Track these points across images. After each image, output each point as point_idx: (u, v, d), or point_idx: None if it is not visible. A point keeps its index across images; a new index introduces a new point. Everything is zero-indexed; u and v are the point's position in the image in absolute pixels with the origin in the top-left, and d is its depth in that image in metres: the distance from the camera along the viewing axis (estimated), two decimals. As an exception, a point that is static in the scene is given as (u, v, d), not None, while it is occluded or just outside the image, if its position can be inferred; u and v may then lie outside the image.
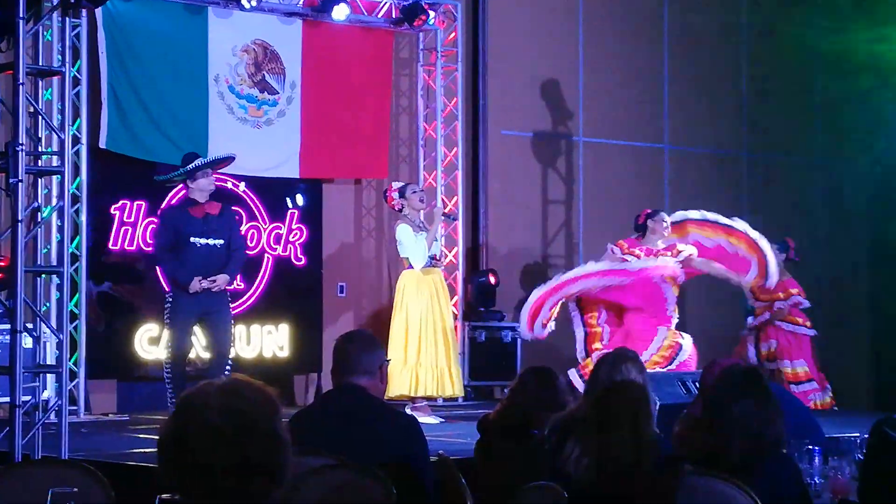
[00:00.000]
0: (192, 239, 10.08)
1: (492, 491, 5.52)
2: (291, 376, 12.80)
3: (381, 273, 13.61)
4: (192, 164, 10.24)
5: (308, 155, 12.81)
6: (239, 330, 12.20)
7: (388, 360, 5.37)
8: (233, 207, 11.28)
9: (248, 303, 12.47)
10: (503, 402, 6.04)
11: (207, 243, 10.13)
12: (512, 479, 5.09)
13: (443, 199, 13.53)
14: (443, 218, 11.37)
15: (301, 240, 12.91)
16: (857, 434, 6.24)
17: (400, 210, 11.09)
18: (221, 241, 10.20)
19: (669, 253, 11.26)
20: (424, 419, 10.41)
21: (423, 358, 10.94)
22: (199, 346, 11.15)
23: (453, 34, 13.71)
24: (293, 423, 4.89)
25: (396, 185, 11.43)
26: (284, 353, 12.66)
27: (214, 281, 10.03)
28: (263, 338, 12.60)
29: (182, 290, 10.02)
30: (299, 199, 12.94)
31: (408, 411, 10.87)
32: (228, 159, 10.72)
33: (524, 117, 14.28)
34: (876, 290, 16.39)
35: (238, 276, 11.69)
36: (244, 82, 12.46)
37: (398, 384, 10.82)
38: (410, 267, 11.00)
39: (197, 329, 10.49)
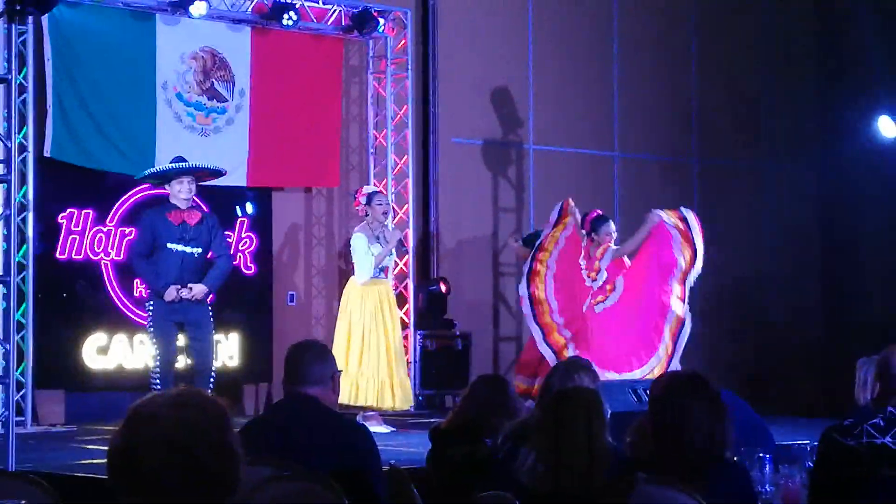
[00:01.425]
0: (168, 245, 9.83)
1: (444, 500, 5.50)
2: (241, 386, 12.74)
3: (331, 282, 13.57)
4: (161, 167, 10.10)
5: (257, 163, 12.76)
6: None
7: (339, 371, 5.35)
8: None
9: (197, 312, 12.39)
10: (455, 410, 6.03)
11: (184, 251, 9.87)
12: (464, 488, 5.08)
13: (393, 207, 13.51)
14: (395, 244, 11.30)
15: (251, 248, 12.86)
16: (808, 441, 6.25)
17: (365, 216, 11.12)
18: (199, 250, 9.96)
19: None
20: (375, 428, 10.39)
21: (365, 368, 10.93)
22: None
23: (403, 41, 13.70)
24: (244, 433, 4.86)
25: (367, 189, 11.49)
26: (234, 363, 12.60)
27: (191, 290, 9.80)
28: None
29: (158, 298, 9.84)
30: (249, 208, 12.90)
31: (359, 420, 10.87)
32: (213, 172, 10.43)
33: (474, 125, 14.29)
34: (827, 297, 16.49)
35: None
36: (192, 90, 12.40)
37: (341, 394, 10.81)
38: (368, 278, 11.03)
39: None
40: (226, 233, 12.45)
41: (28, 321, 11.11)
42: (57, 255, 11.68)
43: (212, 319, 10.10)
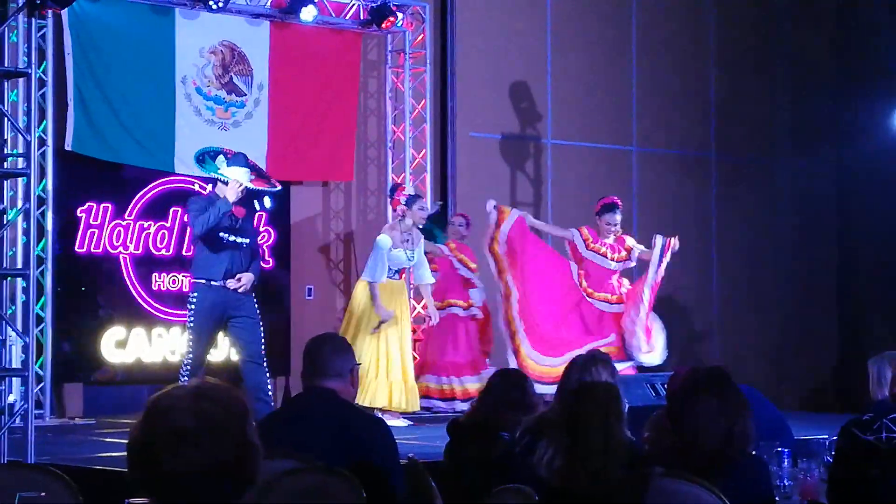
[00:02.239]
0: (221, 233, 9.79)
1: (462, 494, 5.50)
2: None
3: (349, 276, 13.57)
4: (227, 167, 9.99)
5: (275, 157, 12.77)
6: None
7: (358, 364, 5.35)
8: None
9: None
10: (473, 405, 6.04)
11: (235, 240, 9.83)
12: (482, 483, 5.08)
13: (412, 152, 13.54)
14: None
15: (269, 242, 12.86)
16: (826, 436, 6.25)
17: (401, 217, 11.13)
18: (248, 241, 9.96)
19: (622, 249, 11.73)
20: (392, 422, 10.41)
21: (371, 368, 10.93)
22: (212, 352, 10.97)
23: (421, 36, 13.70)
24: (262, 426, 4.86)
25: (409, 189, 11.55)
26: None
27: (240, 280, 9.77)
28: (231, 341, 12.54)
29: (208, 285, 9.71)
30: (266, 202, 12.87)
31: (377, 414, 10.89)
32: (269, 190, 10.39)
33: (492, 119, 14.27)
34: (844, 291, 16.45)
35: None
36: (211, 84, 12.42)
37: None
38: (377, 280, 11.06)
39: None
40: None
41: (47, 315, 11.14)
42: (76, 249, 11.70)
43: (258, 311, 10.04)
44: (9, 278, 9.24)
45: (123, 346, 11.80)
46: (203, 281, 9.78)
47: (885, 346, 5.39)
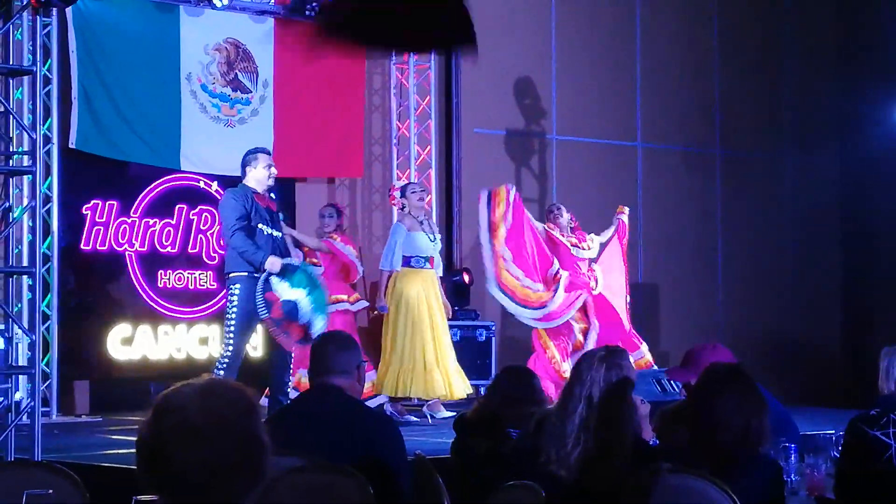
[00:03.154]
0: (259, 226, 9.54)
1: (469, 491, 5.50)
2: (266, 377, 12.73)
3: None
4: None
5: (281, 154, 12.73)
6: (212, 330, 12.16)
7: (364, 361, 5.35)
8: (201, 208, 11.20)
9: (222, 302, 12.41)
10: (480, 400, 6.04)
11: (272, 234, 9.60)
12: (489, 479, 5.08)
13: (416, 148, 13.56)
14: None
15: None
16: (833, 431, 6.25)
17: (402, 208, 11.18)
18: (280, 234, 9.78)
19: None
20: (441, 413, 10.53)
21: (407, 360, 10.89)
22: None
23: (426, 32, 13.67)
24: (269, 423, 4.87)
25: (398, 184, 11.54)
26: (258, 353, 12.59)
27: None
28: (237, 338, 12.53)
29: (250, 277, 9.41)
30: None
31: (424, 411, 10.88)
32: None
33: (497, 115, 14.28)
34: (849, 286, 16.45)
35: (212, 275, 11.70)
36: (217, 81, 12.42)
37: (383, 384, 10.86)
38: (392, 268, 11.00)
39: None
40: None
41: (53, 312, 11.15)
42: (81, 247, 11.71)
43: None
44: (15, 276, 9.27)
45: (129, 344, 11.81)
46: (244, 273, 9.60)
47: (892, 339, 5.37)
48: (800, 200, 16.15)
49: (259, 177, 9.56)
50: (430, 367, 10.89)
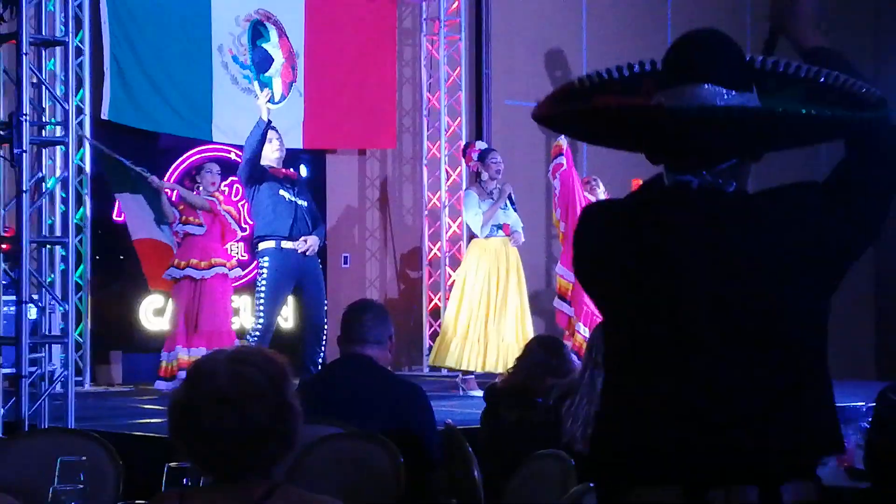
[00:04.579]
0: (281, 191, 9.68)
1: (499, 460, 5.53)
2: (297, 346, 12.79)
3: (385, 244, 13.61)
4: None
5: (312, 125, 12.79)
6: (243, 301, 12.21)
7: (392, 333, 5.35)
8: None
9: (253, 273, 12.44)
10: (510, 370, 6.05)
11: (296, 201, 9.72)
12: (519, 448, 5.10)
13: (446, 170, 13.54)
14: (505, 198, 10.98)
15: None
16: (863, 403, 6.24)
17: (476, 172, 11.06)
18: (306, 203, 9.89)
19: None
20: (473, 392, 10.41)
21: (472, 331, 10.73)
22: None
23: (456, 4, 13.67)
24: (301, 390, 4.89)
25: (480, 145, 11.36)
26: (289, 325, 12.64)
27: (306, 242, 9.69)
28: (268, 308, 12.57)
29: (279, 249, 9.60)
30: (303, 170, 12.92)
31: (459, 383, 10.75)
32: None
33: (528, 87, 14.23)
34: (881, 259, 16.38)
35: (243, 246, 11.75)
36: (247, 52, 12.44)
37: (447, 355, 10.76)
38: (475, 236, 10.90)
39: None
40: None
41: (85, 282, 11.21)
42: (113, 218, 11.75)
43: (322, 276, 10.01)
44: (48, 246, 9.31)
45: (161, 315, 11.86)
46: (272, 244, 9.65)
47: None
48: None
49: (268, 154, 9.76)
50: (480, 339, 10.73)
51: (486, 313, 10.74)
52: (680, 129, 2.72)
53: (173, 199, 10.76)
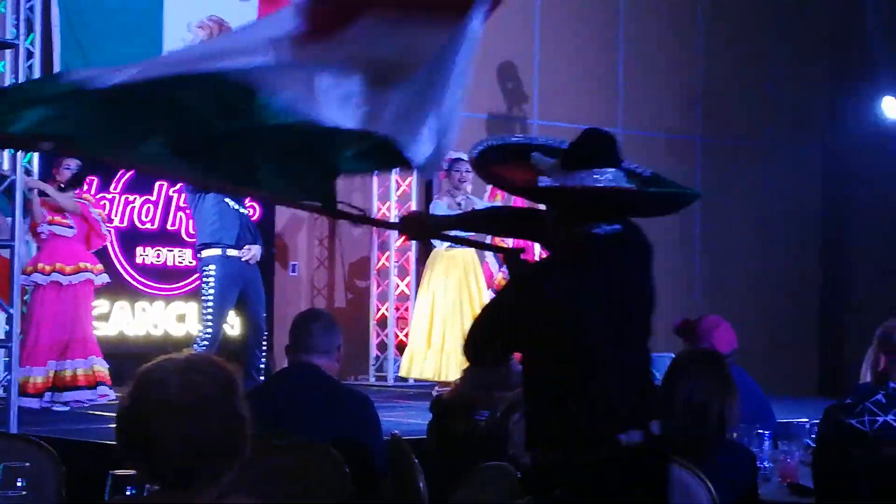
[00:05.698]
0: (226, 199, 9.62)
1: (445, 471, 5.52)
2: (241, 354, 12.73)
3: (333, 252, 13.58)
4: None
5: (262, 133, 12.73)
6: (190, 307, 12.16)
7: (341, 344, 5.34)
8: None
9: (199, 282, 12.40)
10: (456, 382, 6.05)
11: (240, 210, 9.73)
12: (465, 459, 5.10)
13: (396, 180, 13.52)
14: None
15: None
16: (807, 420, 6.28)
17: (447, 178, 11.09)
18: (249, 212, 9.97)
19: None
20: None
21: (447, 343, 10.78)
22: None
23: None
24: (248, 399, 4.87)
25: (452, 154, 11.33)
26: (234, 332, 12.58)
27: (250, 251, 9.66)
28: (214, 316, 12.51)
29: (225, 257, 9.55)
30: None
31: (434, 393, 10.73)
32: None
33: (479, 99, 14.24)
34: (828, 275, 16.51)
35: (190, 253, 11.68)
36: (199, 59, 12.37)
37: (423, 367, 10.77)
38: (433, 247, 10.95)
39: None
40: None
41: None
42: (61, 222, 11.66)
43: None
44: (-7, 250, 9.23)
45: (107, 320, 11.79)
46: (218, 252, 9.60)
47: (869, 330, 5.38)
48: (784, 190, 16.15)
49: None
50: (456, 350, 10.70)
51: (460, 323, 10.77)
52: None
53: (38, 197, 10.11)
